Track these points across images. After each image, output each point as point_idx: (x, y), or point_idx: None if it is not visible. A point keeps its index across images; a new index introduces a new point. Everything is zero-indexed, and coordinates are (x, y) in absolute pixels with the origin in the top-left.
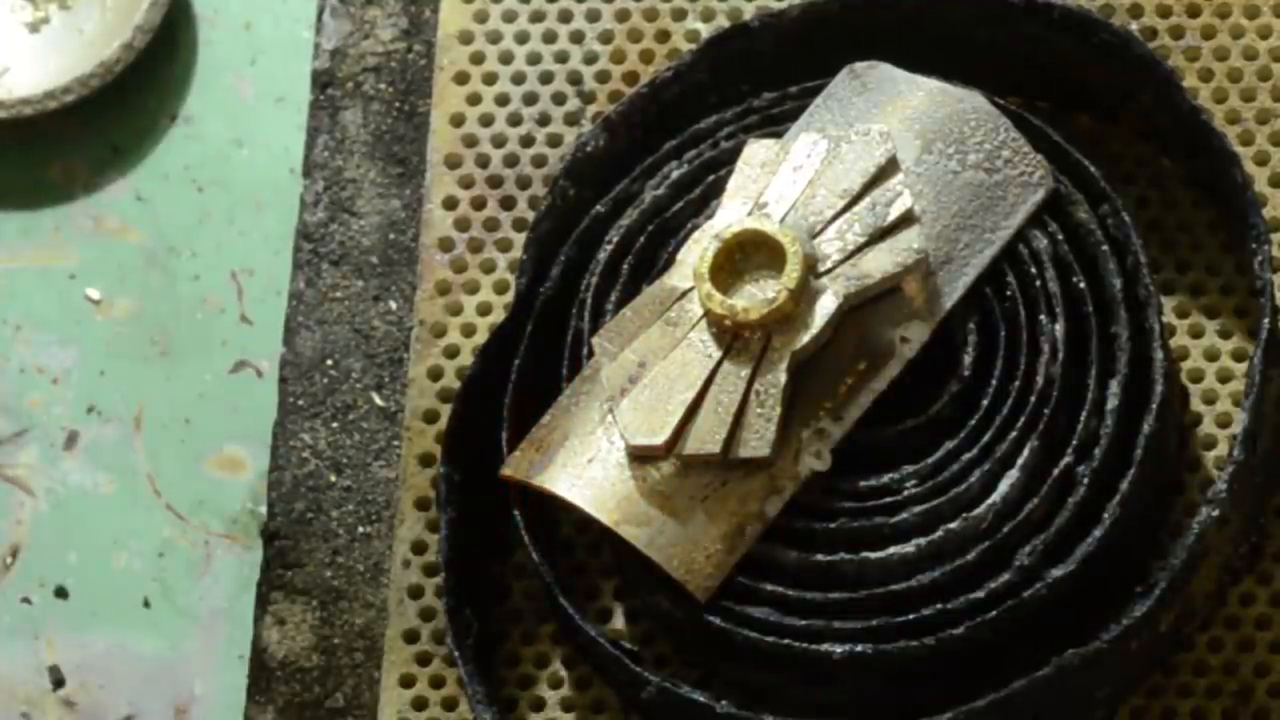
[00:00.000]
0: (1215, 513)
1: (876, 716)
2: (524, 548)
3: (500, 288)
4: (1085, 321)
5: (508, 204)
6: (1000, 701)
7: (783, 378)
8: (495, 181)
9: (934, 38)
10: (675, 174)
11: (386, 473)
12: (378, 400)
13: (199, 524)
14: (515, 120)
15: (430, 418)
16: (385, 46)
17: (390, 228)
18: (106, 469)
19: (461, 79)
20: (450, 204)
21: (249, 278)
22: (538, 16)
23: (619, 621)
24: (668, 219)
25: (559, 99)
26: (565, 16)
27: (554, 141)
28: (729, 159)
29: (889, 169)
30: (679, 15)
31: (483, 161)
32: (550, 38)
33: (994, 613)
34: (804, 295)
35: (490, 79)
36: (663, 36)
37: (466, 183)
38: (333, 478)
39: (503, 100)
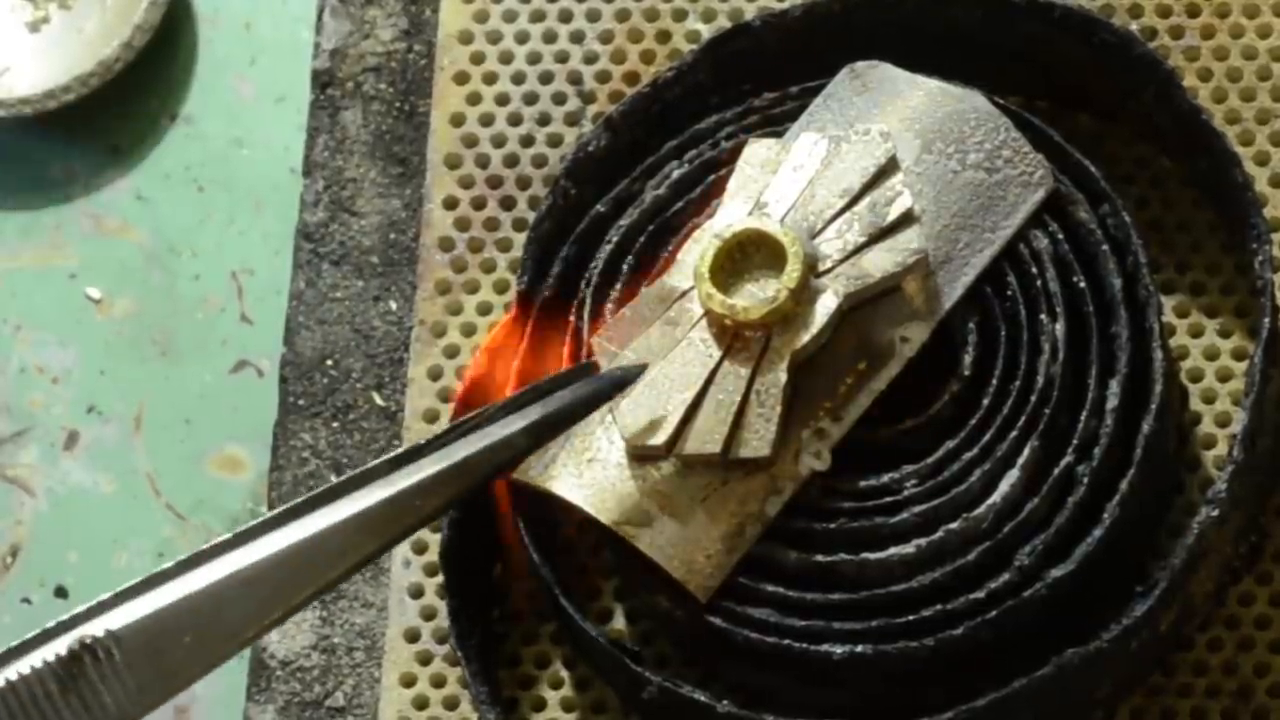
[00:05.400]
0: (1215, 512)
1: (876, 716)
2: (524, 548)
3: (500, 288)
4: (1085, 321)
5: (508, 204)
6: (1000, 701)
7: (783, 377)
8: (495, 181)
9: (934, 37)
10: (676, 174)
11: None
12: (378, 400)
13: (199, 524)
14: (515, 120)
15: (430, 418)
16: (385, 46)
17: (390, 228)
18: (106, 469)
19: (461, 79)
20: (450, 204)
21: (249, 278)
22: (538, 16)
23: (619, 621)
24: (668, 218)
25: (559, 99)
26: (565, 16)
27: (554, 141)
28: (729, 159)
29: (889, 168)
30: (680, 15)
31: (483, 161)
32: (550, 38)
33: (994, 613)
34: (804, 295)
35: (490, 79)
36: (663, 37)
37: (466, 183)
38: (333, 478)
39: (503, 100)
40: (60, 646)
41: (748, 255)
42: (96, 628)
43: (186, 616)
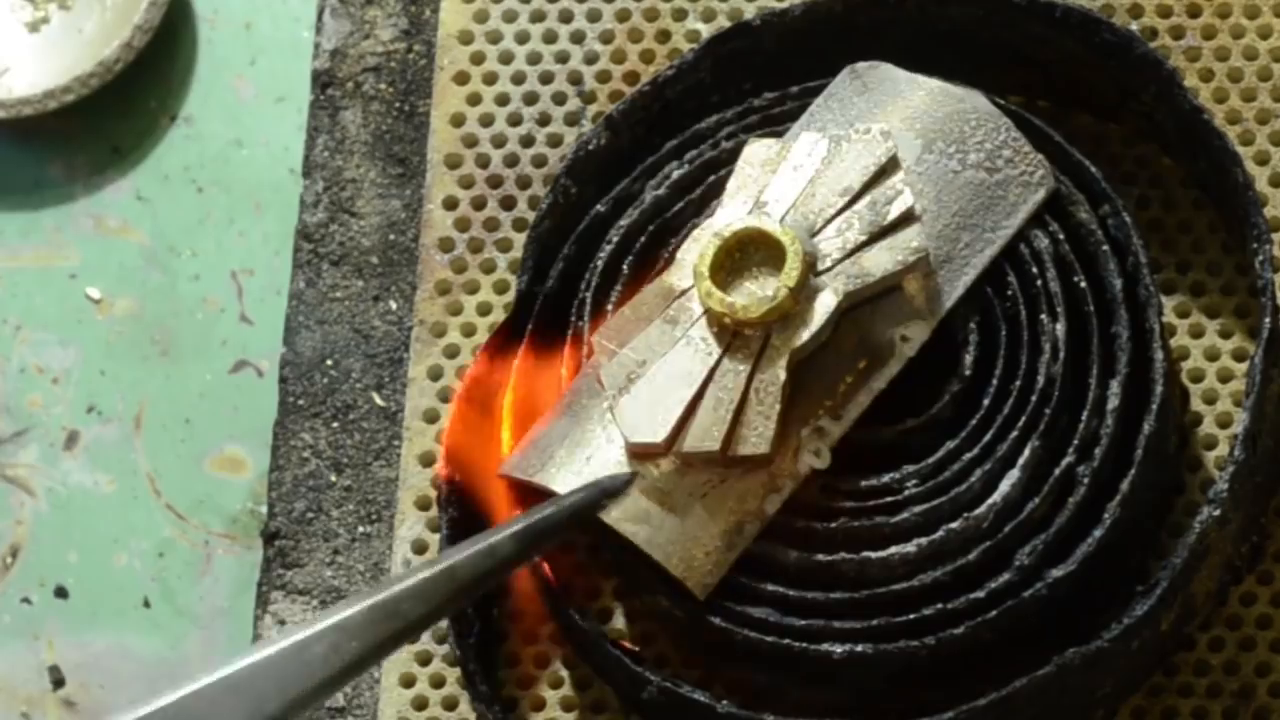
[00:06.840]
0: (1216, 512)
1: (877, 716)
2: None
3: (500, 288)
4: (1086, 321)
5: (508, 204)
6: (1001, 701)
7: (782, 375)
8: (495, 181)
9: (935, 37)
10: (676, 174)
11: (387, 472)
12: (378, 400)
13: (199, 524)
14: (515, 120)
15: (430, 418)
16: (385, 46)
17: (390, 228)
18: (106, 469)
19: (461, 79)
20: (450, 204)
21: (249, 278)
22: (538, 16)
23: (619, 621)
24: (668, 219)
25: (559, 99)
26: (566, 16)
27: (554, 141)
28: (730, 159)
29: (889, 168)
30: (680, 15)
31: (483, 161)
32: (551, 38)
33: (994, 612)
34: (804, 293)
35: (490, 79)
36: (663, 36)
37: (466, 183)
38: (333, 477)
39: (503, 100)
40: None
41: (747, 254)
42: None
43: None
